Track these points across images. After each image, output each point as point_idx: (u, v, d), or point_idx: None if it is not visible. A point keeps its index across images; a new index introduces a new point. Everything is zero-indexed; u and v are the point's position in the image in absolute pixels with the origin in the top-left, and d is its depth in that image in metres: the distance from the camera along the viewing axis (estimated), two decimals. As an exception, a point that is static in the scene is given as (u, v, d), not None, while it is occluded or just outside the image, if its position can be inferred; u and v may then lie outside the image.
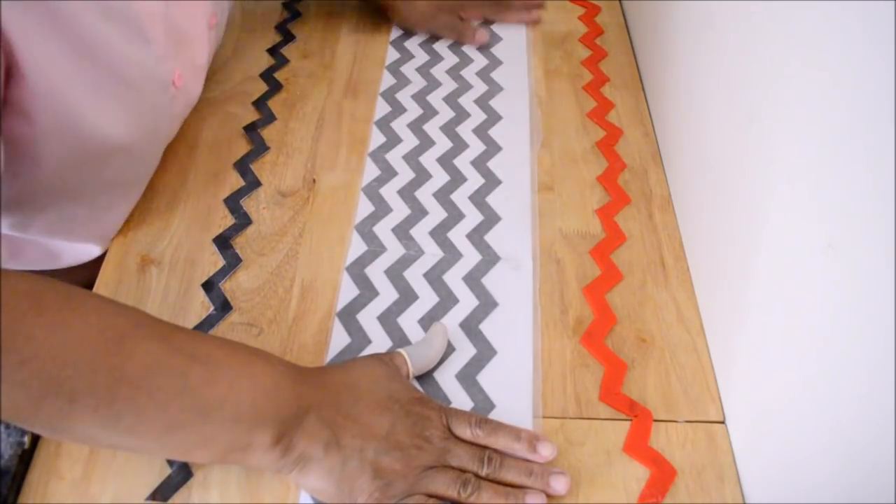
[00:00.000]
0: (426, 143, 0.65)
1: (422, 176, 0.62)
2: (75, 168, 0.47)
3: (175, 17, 0.51)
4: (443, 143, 0.65)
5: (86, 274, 0.55)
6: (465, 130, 0.66)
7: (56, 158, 0.45)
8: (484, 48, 0.74)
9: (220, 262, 0.54)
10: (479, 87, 0.70)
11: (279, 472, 0.41)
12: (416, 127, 0.66)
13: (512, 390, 0.49)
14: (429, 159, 0.63)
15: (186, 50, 0.55)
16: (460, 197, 0.60)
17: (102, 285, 0.53)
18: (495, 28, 0.77)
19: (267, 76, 0.69)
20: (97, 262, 0.55)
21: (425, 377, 0.49)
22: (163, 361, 0.37)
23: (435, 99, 0.69)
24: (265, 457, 0.39)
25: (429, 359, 0.48)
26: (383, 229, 0.57)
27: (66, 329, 0.35)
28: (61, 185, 0.48)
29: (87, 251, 0.55)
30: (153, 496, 0.43)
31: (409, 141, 0.65)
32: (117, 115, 0.47)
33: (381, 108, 0.67)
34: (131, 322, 0.38)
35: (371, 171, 0.62)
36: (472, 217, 0.59)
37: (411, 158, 0.63)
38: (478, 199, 0.60)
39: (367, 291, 0.53)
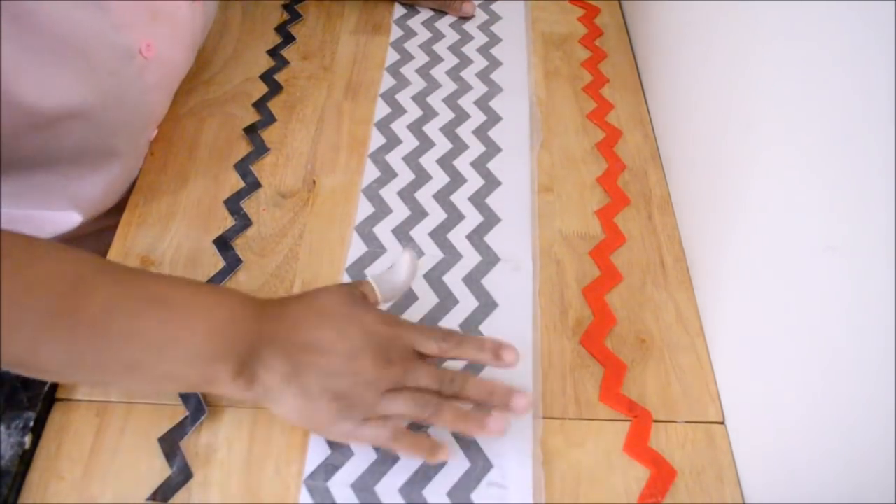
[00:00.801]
0: (426, 144, 0.65)
1: (422, 177, 0.62)
2: (25, 133, 0.47)
3: None
4: (443, 145, 0.65)
5: None
6: (465, 131, 0.66)
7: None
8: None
9: (221, 264, 0.54)
10: (479, 89, 0.70)
11: (253, 402, 0.43)
12: (415, 128, 0.66)
13: (512, 391, 0.49)
14: (429, 160, 0.63)
15: (161, 21, 0.54)
16: (460, 198, 0.60)
17: (103, 286, 0.53)
18: (495, 29, 0.77)
19: (267, 78, 0.69)
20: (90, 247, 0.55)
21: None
22: (118, 304, 0.39)
23: (435, 100, 0.69)
24: (231, 388, 0.41)
25: (396, 287, 0.46)
26: (383, 230, 0.58)
27: (26, 274, 0.36)
28: (15, 151, 0.48)
29: (67, 219, 0.55)
30: (153, 496, 0.43)
31: (409, 142, 0.65)
32: (65, 81, 0.46)
33: (381, 109, 0.67)
34: (91, 267, 0.39)
35: (371, 173, 0.62)
36: (472, 218, 0.59)
37: (411, 160, 0.63)
38: (478, 200, 0.60)
39: (367, 292, 0.53)
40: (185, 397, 0.46)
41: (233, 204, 0.58)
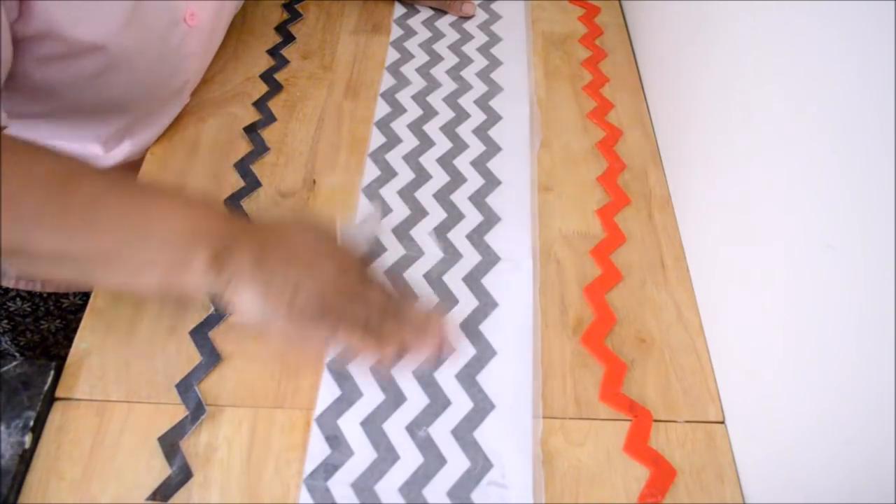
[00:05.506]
0: (426, 143, 0.65)
1: (422, 176, 0.62)
2: (75, 80, 0.51)
3: None
4: (443, 144, 0.65)
5: None
6: (465, 131, 0.66)
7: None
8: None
9: (221, 263, 0.54)
10: (479, 88, 0.70)
11: (216, 291, 0.42)
12: (416, 127, 0.66)
13: (512, 390, 0.49)
14: (429, 160, 0.63)
15: None
16: (460, 197, 0.60)
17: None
18: (495, 28, 0.77)
19: (267, 77, 0.69)
20: None
21: (426, 379, 0.49)
22: (105, 192, 0.41)
23: (435, 99, 0.69)
24: (202, 274, 0.41)
25: (357, 241, 0.51)
26: (383, 230, 0.57)
27: (26, 169, 0.39)
28: (70, 99, 0.52)
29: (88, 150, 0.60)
30: (153, 496, 0.43)
31: (409, 141, 0.65)
32: (113, 23, 0.49)
33: (381, 108, 0.67)
34: (80, 164, 0.42)
35: (371, 172, 0.62)
36: (472, 217, 0.59)
37: (411, 159, 0.63)
38: (478, 199, 0.60)
39: (367, 292, 0.53)
40: (185, 397, 0.46)
41: (233, 203, 0.58)
